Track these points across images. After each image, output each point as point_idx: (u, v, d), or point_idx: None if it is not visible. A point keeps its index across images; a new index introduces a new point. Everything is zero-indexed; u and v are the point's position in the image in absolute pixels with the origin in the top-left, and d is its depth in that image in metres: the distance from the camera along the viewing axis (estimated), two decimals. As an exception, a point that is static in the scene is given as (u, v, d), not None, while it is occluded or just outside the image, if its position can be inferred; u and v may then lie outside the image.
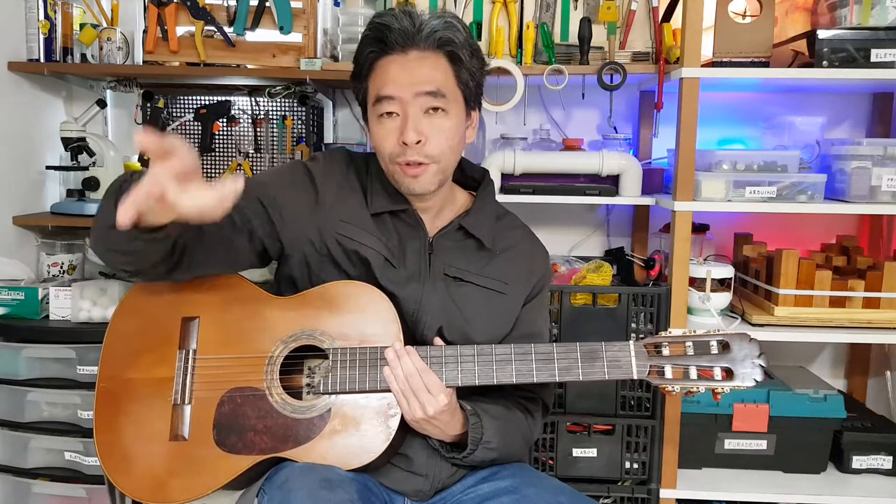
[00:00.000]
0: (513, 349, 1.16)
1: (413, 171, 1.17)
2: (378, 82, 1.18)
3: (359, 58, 1.21)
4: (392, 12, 1.18)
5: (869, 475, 1.95)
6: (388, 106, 1.16)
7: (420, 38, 1.16)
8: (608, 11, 1.91)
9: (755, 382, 1.12)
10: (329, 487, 1.05)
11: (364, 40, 1.19)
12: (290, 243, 1.24)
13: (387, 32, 1.16)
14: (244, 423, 1.15)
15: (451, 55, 1.19)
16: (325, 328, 1.19)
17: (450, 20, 1.18)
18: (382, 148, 1.19)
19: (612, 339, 1.17)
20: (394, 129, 1.17)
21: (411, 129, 1.15)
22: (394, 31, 1.16)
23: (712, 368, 1.13)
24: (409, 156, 1.16)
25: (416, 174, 1.18)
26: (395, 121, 1.17)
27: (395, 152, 1.17)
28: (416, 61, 1.16)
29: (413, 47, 1.17)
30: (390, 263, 1.22)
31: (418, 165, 1.17)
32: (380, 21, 1.17)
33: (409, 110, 1.16)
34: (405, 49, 1.16)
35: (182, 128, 2.06)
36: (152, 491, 1.15)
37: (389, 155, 1.18)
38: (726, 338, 1.15)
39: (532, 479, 1.21)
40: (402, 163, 1.17)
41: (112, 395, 1.22)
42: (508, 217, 1.36)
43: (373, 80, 1.19)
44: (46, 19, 2.01)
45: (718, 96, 2.19)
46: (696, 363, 1.14)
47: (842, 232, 2.19)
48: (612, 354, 1.15)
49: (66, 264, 2.12)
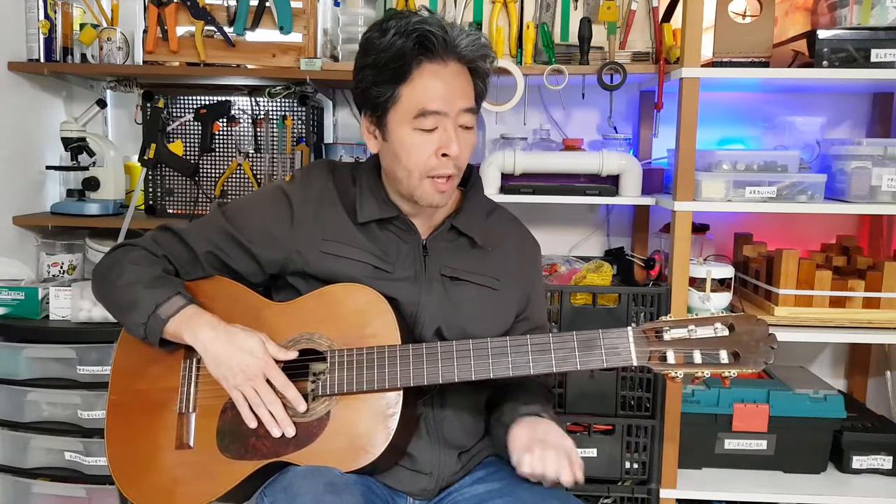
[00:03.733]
0: (508, 342, 1.14)
1: (444, 186, 1.18)
2: (420, 94, 1.13)
3: (397, 60, 1.13)
4: (430, 18, 1.14)
5: (869, 475, 1.95)
6: (433, 121, 1.14)
7: (458, 50, 1.14)
8: (608, 11, 1.91)
9: (765, 365, 1.08)
10: (334, 492, 1.05)
11: (403, 43, 1.12)
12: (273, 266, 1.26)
13: (432, 38, 1.12)
14: (246, 429, 1.15)
15: (476, 71, 1.18)
16: (324, 331, 1.19)
17: (481, 37, 1.18)
18: (415, 160, 1.16)
19: (613, 338, 1.15)
20: (431, 143, 1.15)
21: (455, 143, 1.14)
22: (439, 39, 1.12)
23: (718, 352, 1.08)
24: (446, 169, 1.16)
25: (445, 189, 1.18)
26: (433, 134, 1.15)
27: (432, 165, 1.16)
28: (454, 76, 1.15)
29: (451, 58, 1.15)
30: (382, 270, 1.22)
31: (448, 180, 1.18)
32: (426, 27, 1.12)
33: (450, 125, 1.15)
34: (445, 59, 1.14)
35: (182, 128, 2.05)
36: (161, 500, 1.16)
37: (422, 168, 1.16)
38: (732, 320, 1.09)
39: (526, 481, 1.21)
40: (436, 176, 1.17)
41: (122, 407, 1.23)
42: (498, 211, 1.36)
43: (411, 88, 1.14)
44: (46, 19, 2.01)
45: (718, 96, 2.19)
46: (701, 347, 1.09)
47: (842, 232, 2.19)
48: (609, 342, 1.12)
49: (66, 264, 2.12)
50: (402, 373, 1.14)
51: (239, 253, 1.25)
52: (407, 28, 1.12)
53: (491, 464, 1.29)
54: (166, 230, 1.27)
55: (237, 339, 1.15)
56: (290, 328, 1.20)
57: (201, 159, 2.07)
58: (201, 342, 1.15)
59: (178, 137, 2.06)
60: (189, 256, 1.25)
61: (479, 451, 1.30)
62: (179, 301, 1.17)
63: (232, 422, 1.17)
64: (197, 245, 1.25)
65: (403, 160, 1.17)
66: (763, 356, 1.08)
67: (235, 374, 1.14)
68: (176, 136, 2.06)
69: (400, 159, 1.17)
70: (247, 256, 1.25)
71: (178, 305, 1.17)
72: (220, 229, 1.25)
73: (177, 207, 2.10)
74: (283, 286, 1.29)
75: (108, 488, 1.84)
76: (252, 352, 1.14)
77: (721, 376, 1.09)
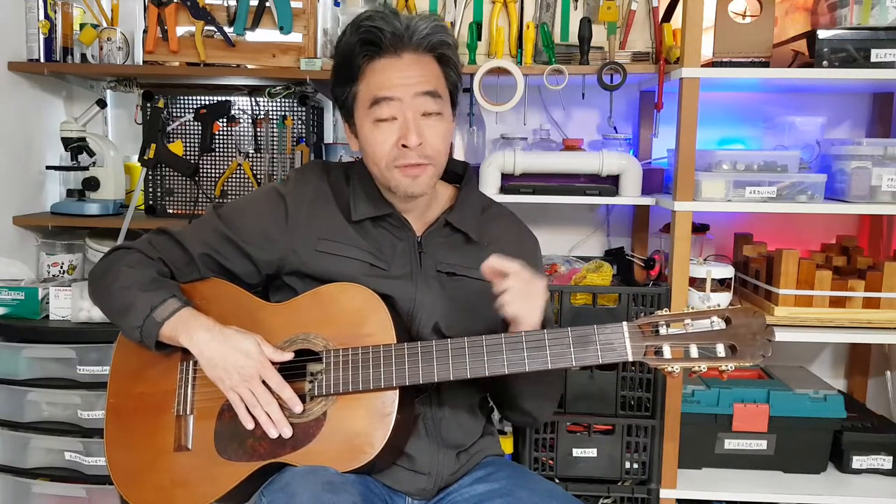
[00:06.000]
0: (503, 339, 1.14)
1: (413, 171, 1.17)
2: (374, 85, 1.16)
3: (347, 60, 1.18)
4: (379, 14, 1.16)
5: (869, 475, 1.95)
6: (387, 109, 1.15)
7: (413, 40, 1.16)
8: (608, 11, 1.91)
9: (763, 358, 1.06)
10: (332, 490, 1.05)
11: (351, 42, 1.17)
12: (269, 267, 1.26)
13: (379, 35, 1.14)
14: (243, 431, 1.15)
15: (442, 57, 1.19)
16: (320, 331, 1.19)
17: (439, 23, 1.18)
18: (379, 153, 1.18)
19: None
20: (391, 133, 1.16)
21: (413, 132, 1.15)
22: (386, 34, 1.14)
23: (715, 345, 1.07)
24: (409, 158, 1.16)
25: (416, 174, 1.18)
26: (393, 125, 1.16)
27: (394, 155, 1.17)
28: (410, 64, 1.16)
29: (406, 50, 1.16)
30: (378, 267, 1.22)
31: (417, 166, 1.17)
32: (370, 23, 1.15)
33: (409, 113, 1.15)
34: (398, 52, 1.16)
35: (182, 128, 2.05)
36: (160, 503, 1.17)
37: (387, 159, 1.17)
38: (729, 313, 1.08)
39: (525, 482, 1.21)
40: (401, 165, 1.17)
41: (120, 409, 1.24)
42: (494, 207, 1.36)
43: (366, 83, 1.17)
44: (46, 19, 2.01)
45: (718, 96, 2.19)
46: (697, 341, 1.07)
47: (842, 232, 2.19)
48: (604, 337, 1.11)
49: (66, 264, 2.12)
50: (397, 372, 1.14)
51: (235, 254, 1.25)
52: (356, 25, 1.16)
53: (490, 464, 1.29)
54: (162, 233, 1.28)
55: (233, 341, 1.15)
56: (285, 329, 1.20)
57: (201, 159, 2.07)
58: (197, 344, 1.16)
59: (178, 137, 2.06)
60: (185, 259, 1.26)
61: (477, 451, 1.30)
62: (174, 304, 1.17)
63: (230, 423, 1.17)
64: (192, 247, 1.25)
65: (370, 154, 1.19)
66: (761, 349, 1.07)
67: (231, 375, 1.14)
68: (176, 136, 2.06)
69: (368, 155, 1.20)
70: (242, 258, 1.25)
71: (174, 308, 1.17)
72: (215, 231, 1.25)
73: (177, 207, 2.10)
74: (280, 286, 1.29)
75: (108, 488, 1.84)
76: (247, 353, 1.14)
77: (718, 370, 1.08)
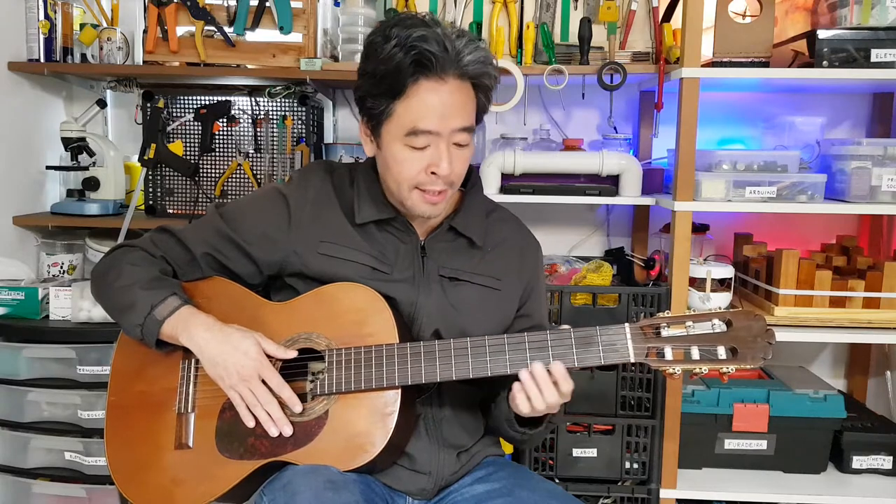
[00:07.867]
0: (506, 339, 1.14)
1: (435, 198, 1.17)
2: (414, 110, 1.12)
3: (393, 76, 1.11)
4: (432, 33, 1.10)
5: (869, 475, 1.95)
6: (423, 140, 1.13)
7: (459, 66, 1.12)
8: (608, 11, 1.91)
9: (763, 361, 1.07)
10: (334, 489, 1.05)
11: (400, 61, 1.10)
12: (271, 268, 1.26)
13: (430, 56, 1.09)
14: (244, 429, 1.15)
15: (480, 86, 1.17)
16: (322, 330, 1.19)
17: (486, 51, 1.15)
18: (405, 173, 1.16)
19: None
20: (421, 159, 1.14)
21: (446, 162, 1.14)
22: (437, 57, 1.10)
23: (716, 348, 1.08)
24: (436, 185, 1.16)
25: (437, 202, 1.18)
26: (424, 151, 1.14)
27: (421, 181, 1.16)
28: (453, 93, 1.12)
29: (450, 74, 1.12)
30: (380, 270, 1.22)
31: (440, 193, 1.17)
32: (424, 45, 1.09)
33: (443, 144, 1.14)
34: (443, 76, 1.12)
35: (182, 128, 2.05)
36: (161, 501, 1.16)
37: (411, 181, 1.16)
38: (730, 316, 1.09)
39: (525, 482, 1.21)
40: (425, 190, 1.16)
41: (121, 408, 1.23)
42: (498, 211, 1.35)
43: (406, 105, 1.12)
44: (46, 19, 2.01)
45: (718, 96, 2.19)
46: (698, 343, 1.08)
47: (842, 232, 2.19)
48: (607, 338, 1.11)
49: (66, 264, 2.12)
50: (399, 371, 1.14)
51: (236, 255, 1.25)
52: (407, 42, 1.09)
53: (490, 464, 1.29)
54: (164, 231, 1.28)
55: (232, 340, 1.15)
56: (287, 328, 1.20)
57: (201, 159, 2.07)
58: (197, 343, 1.16)
59: (178, 137, 2.06)
60: (187, 258, 1.26)
61: (478, 451, 1.29)
62: (175, 302, 1.17)
63: (231, 422, 1.17)
64: (194, 247, 1.25)
65: (394, 172, 1.17)
66: (761, 352, 1.08)
67: (231, 374, 1.14)
68: (176, 136, 2.06)
69: (391, 170, 1.17)
70: (244, 258, 1.25)
71: (174, 306, 1.17)
72: (217, 231, 1.25)
73: (177, 207, 2.10)
74: (281, 287, 1.29)
75: (108, 488, 1.84)
76: (247, 352, 1.14)
77: (719, 372, 1.09)
